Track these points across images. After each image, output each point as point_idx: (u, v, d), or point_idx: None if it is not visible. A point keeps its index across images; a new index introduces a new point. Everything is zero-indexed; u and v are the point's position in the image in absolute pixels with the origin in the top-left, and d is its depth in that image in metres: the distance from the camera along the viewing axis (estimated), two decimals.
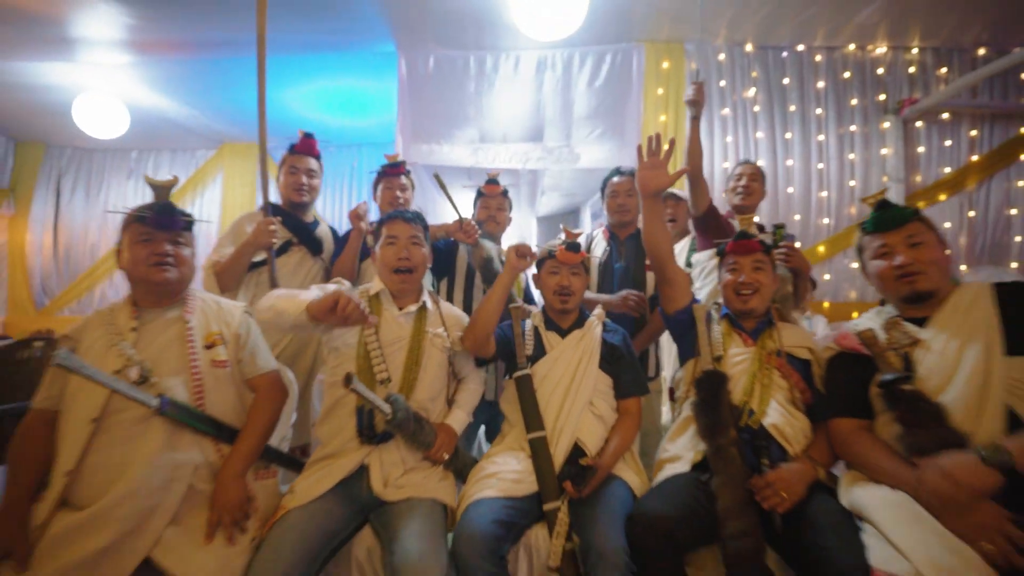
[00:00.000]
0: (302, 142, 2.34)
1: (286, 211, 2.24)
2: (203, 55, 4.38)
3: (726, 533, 1.27)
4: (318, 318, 1.31)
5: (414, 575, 1.17)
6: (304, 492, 1.38)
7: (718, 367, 1.54)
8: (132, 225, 1.44)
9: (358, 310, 1.27)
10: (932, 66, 4.32)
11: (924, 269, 1.30)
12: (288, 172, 2.31)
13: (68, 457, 1.21)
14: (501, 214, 2.25)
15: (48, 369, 1.33)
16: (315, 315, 1.31)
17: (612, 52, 4.18)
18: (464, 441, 1.83)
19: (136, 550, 1.15)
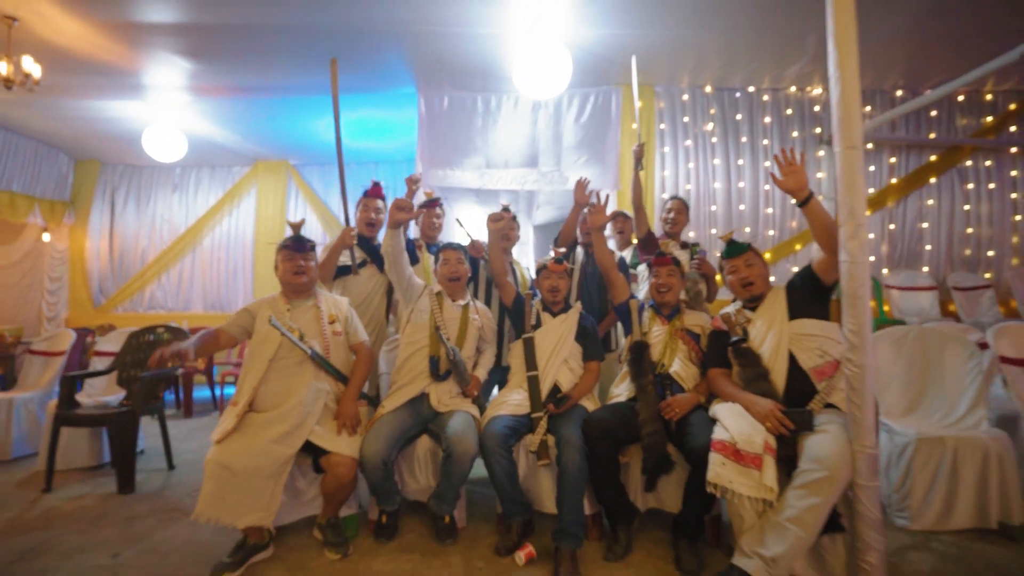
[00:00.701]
0: (372, 189, 3.08)
1: (363, 237, 3.02)
2: (246, 96, 5.25)
3: (643, 433, 2.14)
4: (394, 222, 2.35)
5: (460, 441, 2.08)
6: (390, 404, 2.28)
7: (645, 339, 2.43)
8: (282, 250, 2.29)
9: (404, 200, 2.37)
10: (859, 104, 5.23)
11: (755, 280, 2.18)
12: (363, 210, 3.04)
13: (255, 378, 2.09)
14: (512, 233, 3.08)
15: (238, 312, 2.27)
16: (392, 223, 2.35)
17: (595, 94, 5.07)
18: (482, 393, 2.70)
19: (301, 435, 2.02)
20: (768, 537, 1.69)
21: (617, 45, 4.28)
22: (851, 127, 1.85)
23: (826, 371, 1.98)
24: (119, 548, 2.21)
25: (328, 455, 2.05)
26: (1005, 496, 2.23)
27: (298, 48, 4.29)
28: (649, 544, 2.21)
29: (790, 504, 1.70)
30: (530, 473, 2.30)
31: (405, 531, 2.32)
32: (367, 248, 2.96)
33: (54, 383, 3.80)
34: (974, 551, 2.14)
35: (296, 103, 5.44)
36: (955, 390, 2.56)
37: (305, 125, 5.98)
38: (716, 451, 1.86)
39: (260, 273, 6.92)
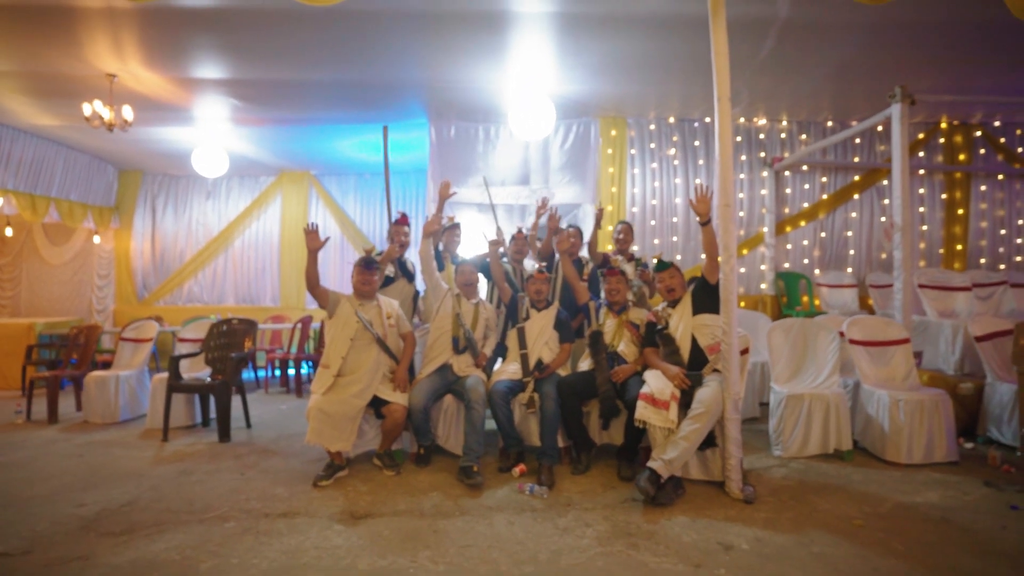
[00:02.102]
0: (401, 218, 4.06)
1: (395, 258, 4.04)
2: (280, 125, 6.22)
3: (600, 392, 3.19)
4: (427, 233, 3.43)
5: (475, 390, 3.13)
6: (425, 371, 3.34)
7: (600, 329, 3.48)
8: (357, 266, 3.29)
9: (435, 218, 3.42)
10: (796, 133, 6.30)
11: (675, 288, 3.23)
12: (395, 234, 3.98)
13: (340, 351, 3.08)
14: (525, 248, 4.12)
15: (336, 294, 3.25)
16: (426, 234, 3.42)
17: (576, 124, 6.08)
18: (489, 365, 3.72)
19: (371, 392, 3.05)
20: (668, 448, 2.75)
21: (592, 92, 5.29)
22: (726, 190, 2.89)
23: (715, 348, 3.03)
24: (242, 471, 3.24)
25: (389, 404, 3.09)
26: (839, 432, 3.32)
27: (331, 94, 5.27)
28: (602, 466, 3.28)
29: (683, 429, 2.76)
30: (522, 419, 3.35)
31: (435, 462, 3.37)
32: (399, 265, 3.95)
33: (145, 363, 4.81)
34: (814, 466, 3.22)
35: (317, 128, 6.39)
36: (821, 363, 3.63)
37: (326, 142, 6.91)
38: (641, 399, 2.91)
39: (285, 271, 7.89)
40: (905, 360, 3.61)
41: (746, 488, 2.76)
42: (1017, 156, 6.45)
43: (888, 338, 3.66)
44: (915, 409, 3.21)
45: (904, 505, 2.66)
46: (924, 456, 3.22)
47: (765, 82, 5.08)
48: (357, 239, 7.95)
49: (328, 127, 6.38)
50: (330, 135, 6.66)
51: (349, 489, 2.93)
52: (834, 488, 2.89)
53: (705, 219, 3.06)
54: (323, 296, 3.21)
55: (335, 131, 6.49)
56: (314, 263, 3.14)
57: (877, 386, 3.47)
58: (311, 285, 3.17)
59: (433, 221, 3.54)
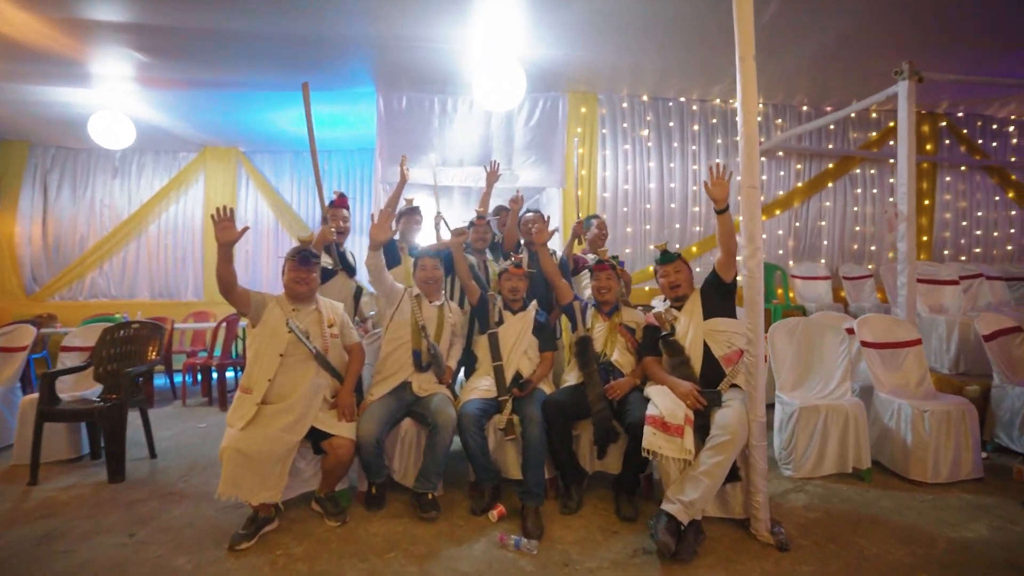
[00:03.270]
0: (338, 199, 3.36)
1: (331, 246, 3.30)
2: (198, 88, 5.24)
3: (593, 411, 2.63)
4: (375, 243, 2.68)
5: (443, 414, 2.51)
6: (378, 392, 2.65)
7: (588, 334, 2.92)
8: (289, 260, 2.55)
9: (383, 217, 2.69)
10: (772, 117, 5.96)
11: (681, 283, 2.72)
12: (331, 218, 3.28)
13: (268, 371, 2.37)
14: (486, 235, 3.46)
15: (261, 295, 2.51)
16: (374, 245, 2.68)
17: (543, 99, 5.47)
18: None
19: (307, 423, 2.35)
20: (687, 487, 2.23)
21: (564, 61, 4.68)
22: (751, 170, 2.37)
23: (732, 358, 2.54)
24: (132, 529, 2.46)
25: (331, 438, 2.40)
26: (858, 448, 2.93)
27: (256, 51, 4.39)
28: (595, 500, 2.73)
29: (703, 462, 2.25)
30: (498, 446, 2.75)
31: (391, 501, 2.72)
32: (336, 257, 3.23)
33: (16, 378, 3.84)
34: (835, 490, 2.81)
35: (246, 95, 5.46)
36: (830, 368, 3.24)
37: (256, 114, 5.98)
38: (648, 424, 2.37)
39: (210, 260, 6.87)
40: (918, 363, 3.27)
41: (776, 530, 2.29)
42: (978, 148, 6.41)
43: (898, 339, 3.32)
44: (941, 421, 2.86)
45: (957, 543, 2.27)
46: (950, 473, 2.88)
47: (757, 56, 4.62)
48: (296, 226, 7.04)
49: (259, 95, 5.45)
50: (261, 105, 5.72)
51: (279, 553, 2.24)
52: (869, 522, 2.47)
53: (723, 206, 2.54)
54: (242, 299, 2.47)
55: (267, 100, 5.56)
56: (227, 260, 2.37)
57: (893, 394, 3.10)
58: (226, 287, 2.40)
59: (382, 225, 2.71)
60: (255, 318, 2.48)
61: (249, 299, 2.46)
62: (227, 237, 2.34)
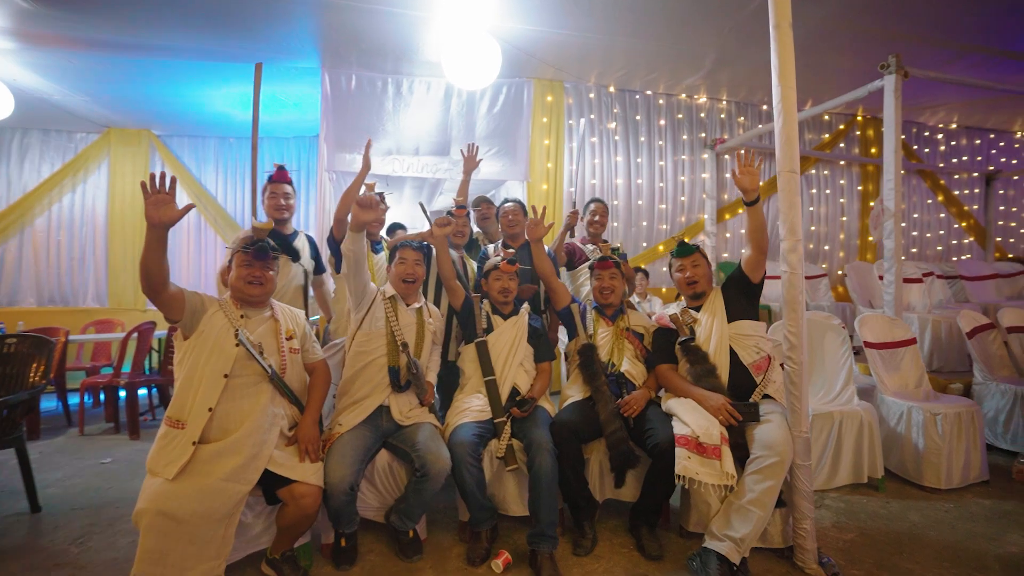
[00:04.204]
0: (277, 173, 2.81)
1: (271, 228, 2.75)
2: (96, 51, 4.36)
3: (606, 432, 2.26)
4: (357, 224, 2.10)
5: (436, 459, 2.00)
6: (348, 422, 2.11)
7: (591, 341, 2.54)
8: (240, 253, 1.97)
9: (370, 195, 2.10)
10: (735, 114, 5.90)
11: (699, 279, 2.41)
12: (269, 197, 2.79)
13: (209, 398, 1.79)
14: (465, 229, 2.99)
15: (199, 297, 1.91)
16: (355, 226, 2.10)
17: (507, 85, 5.06)
18: None
19: (259, 467, 1.79)
20: (734, 520, 1.91)
21: (534, 38, 4.29)
22: (791, 153, 2.09)
23: (761, 366, 2.25)
24: None
25: (290, 485, 1.85)
26: (872, 456, 2.75)
27: (174, 7, 3.67)
28: (608, 533, 2.35)
29: (750, 488, 1.93)
30: (495, 478, 2.30)
31: (365, 552, 2.20)
32: (277, 239, 2.68)
33: None
34: (857, 504, 2.61)
35: (161, 64, 4.64)
36: (832, 371, 3.06)
37: (176, 88, 5.12)
38: (681, 446, 2.03)
39: (115, 260, 5.89)
40: (915, 364, 3.17)
41: (826, 561, 2.01)
42: (914, 153, 6.72)
43: (896, 339, 3.20)
44: (953, 424, 2.74)
45: (1006, 561, 2.10)
46: (961, 478, 2.77)
47: (735, 48, 4.47)
48: (221, 222, 6.19)
49: (177, 66, 4.63)
50: (181, 78, 4.90)
51: None
52: (909, 541, 2.26)
53: (753, 196, 2.25)
54: (175, 302, 1.82)
55: (188, 72, 4.76)
56: (159, 248, 1.70)
57: (899, 396, 2.97)
58: (154, 285, 1.73)
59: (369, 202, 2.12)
60: (189, 327, 1.88)
61: (183, 302, 1.85)
62: (164, 216, 1.66)
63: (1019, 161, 7.24)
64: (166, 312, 1.82)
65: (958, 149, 6.98)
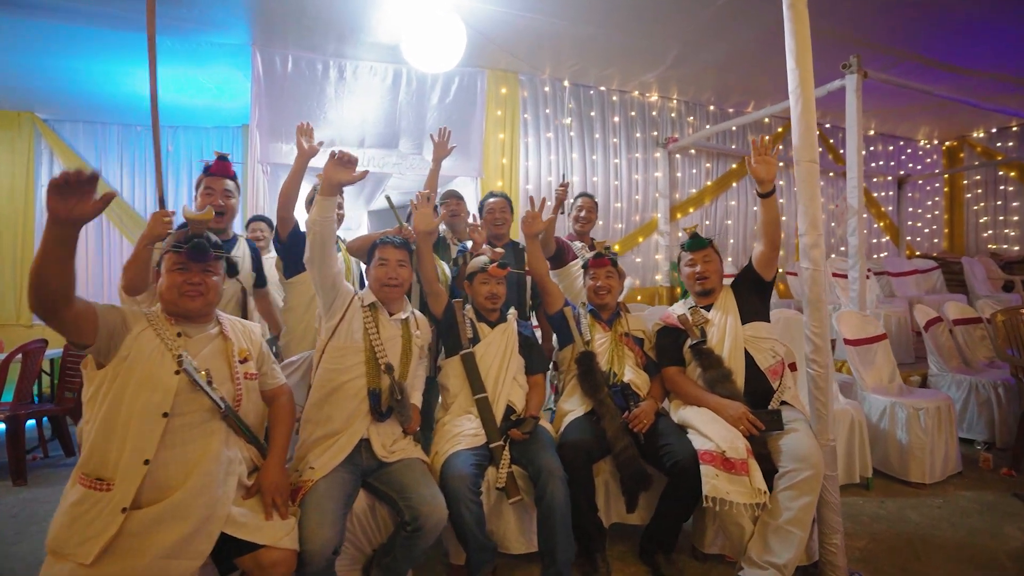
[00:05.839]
0: (217, 164, 2.28)
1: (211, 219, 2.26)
2: None
3: (616, 450, 2.02)
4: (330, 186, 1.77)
5: (432, 510, 1.65)
6: (324, 465, 1.69)
7: (588, 349, 2.31)
8: (172, 253, 1.51)
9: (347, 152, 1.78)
10: (685, 113, 5.92)
11: (709, 276, 2.25)
12: (204, 194, 2.24)
13: (144, 446, 1.34)
14: None
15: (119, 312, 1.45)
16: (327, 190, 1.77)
17: (460, 74, 4.74)
18: None
19: (212, 533, 1.36)
20: (774, 544, 1.73)
21: (494, 21, 3.99)
22: (809, 141, 1.96)
23: (777, 370, 2.10)
24: None
25: (256, 552, 1.43)
26: (863, 455, 2.72)
27: None
28: (618, 563, 2.12)
29: (785, 506, 1.76)
30: (492, 511, 2.00)
31: None
32: None
33: None
34: (856, 506, 2.56)
35: (50, 31, 3.86)
36: None
37: (60, 63, 4.31)
38: (707, 463, 1.83)
39: None
40: (888, 359, 3.22)
41: (855, 575, 1.89)
42: (840, 156, 7.12)
43: (869, 335, 3.23)
44: (934, 418, 2.77)
45: (1015, 556, 2.09)
46: (942, 471, 2.80)
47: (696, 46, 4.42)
48: (128, 221, 5.36)
49: (68, 32, 3.86)
50: (70, 49, 4.11)
51: None
52: (918, 542, 2.21)
53: (769, 187, 2.09)
54: (83, 321, 1.34)
55: (80, 42, 3.99)
56: (63, 251, 1.20)
57: (878, 392, 2.98)
58: (52, 300, 1.24)
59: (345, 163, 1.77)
60: (106, 351, 1.41)
61: (96, 320, 1.36)
62: (75, 210, 1.16)
63: (923, 167, 7.91)
64: (72, 335, 1.35)
65: (875, 154, 7.49)
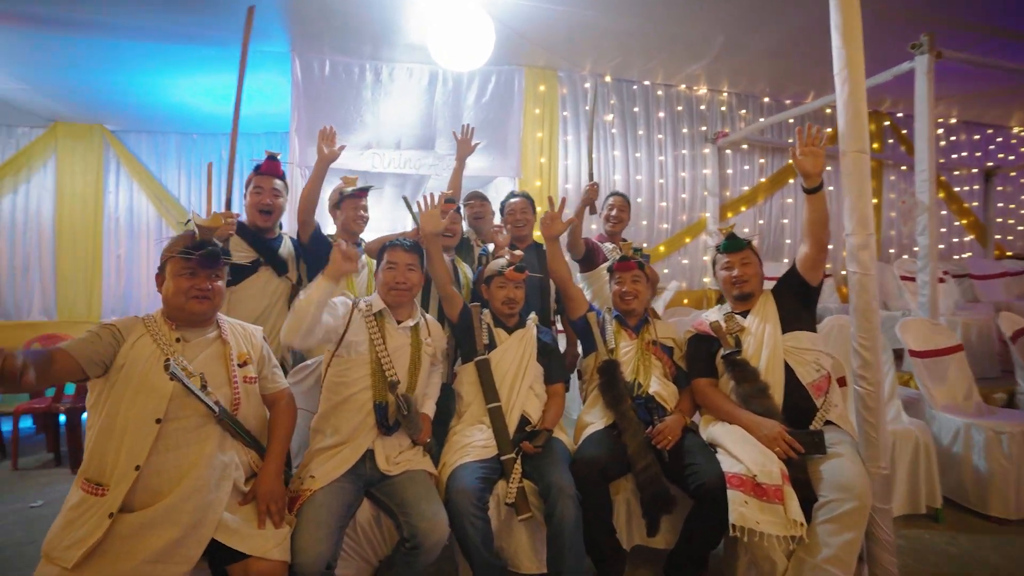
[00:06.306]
0: (267, 163, 2.34)
1: (251, 231, 2.30)
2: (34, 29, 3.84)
3: (637, 469, 1.87)
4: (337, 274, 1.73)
5: (431, 527, 1.58)
6: (324, 476, 1.66)
7: (612, 357, 2.16)
8: (178, 259, 1.52)
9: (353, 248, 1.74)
10: (736, 107, 5.59)
11: (749, 279, 2.05)
12: (253, 193, 2.30)
13: (136, 451, 1.36)
14: (456, 227, 2.55)
15: (108, 329, 1.45)
16: (333, 274, 1.72)
17: (497, 73, 4.67)
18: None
19: (203, 538, 1.36)
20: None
21: (527, 17, 3.88)
22: (859, 129, 1.73)
23: (822, 386, 1.89)
24: None
25: (246, 560, 1.41)
26: (931, 482, 2.41)
27: None
28: None
29: (824, 542, 1.56)
30: (502, 527, 1.89)
31: None
32: (259, 245, 2.25)
33: None
34: (918, 540, 2.27)
35: (115, 49, 4.12)
36: None
37: (125, 78, 4.59)
38: (735, 488, 1.65)
39: (64, 268, 5.32)
40: (963, 373, 2.86)
41: None
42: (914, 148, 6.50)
43: (940, 346, 2.88)
44: (1020, 444, 2.41)
45: None
46: None
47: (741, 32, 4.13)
48: (184, 227, 5.65)
49: (128, 49, 4.10)
50: (134, 65, 4.37)
51: None
52: None
53: (816, 182, 1.88)
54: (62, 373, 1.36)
55: (142, 57, 4.23)
56: None
57: (950, 411, 2.64)
58: None
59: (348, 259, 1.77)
60: (103, 370, 1.43)
61: (72, 362, 1.37)
62: None
63: (1017, 157, 7.09)
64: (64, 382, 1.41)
65: (957, 145, 6.79)
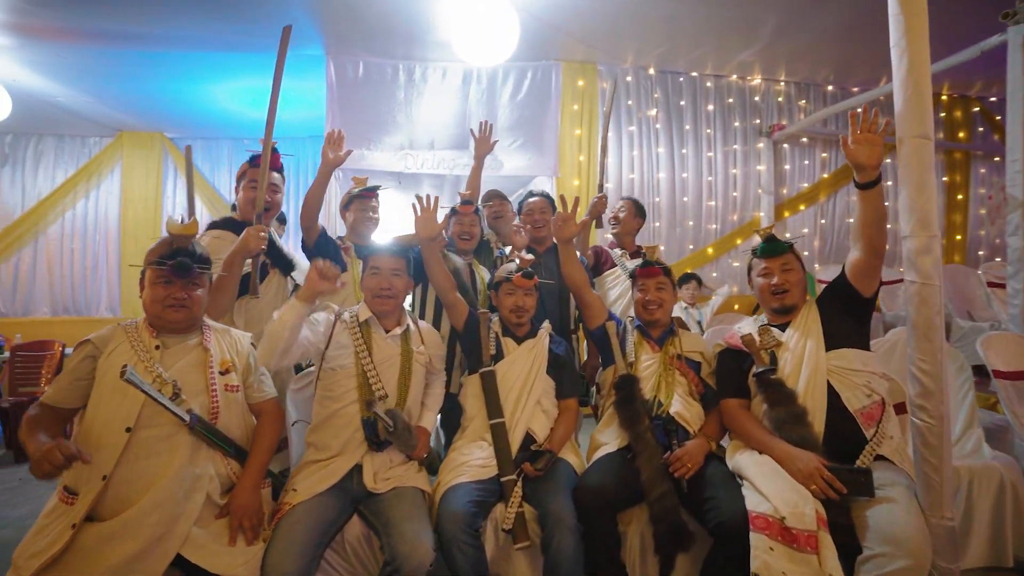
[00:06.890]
0: (272, 157, 2.29)
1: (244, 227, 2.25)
2: (100, 45, 4.08)
3: (651, 498, 1.67)
4: (311, 294, 1.65)
5: (412, 550, 1.45)
6: (307, 490, 1.58)
7: (631, 371, 1.96)
8: (152, 268, 1.49)
9: (332, 266, 1.66)
10: (795, 97, 5.15)
11: (790, 289, 1.80)
12: (248, 187, 2.15)
13: (105, 462, 1.33)
14: (474, 229, 2.44)
15: (73, 362, 1.45)
16: (307, 296, 1.64)
17: (532, 69, 4.52)
18: None
19: (167, 552, 1.31)
20: None
21: (561, 8, 3.71)
22: (920, 111, 1.45)
23: (874, 414, 1.60)
24: None
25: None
26: (1019, 528, 2.03)
27: None
28: None
29: None
30: (500, 554, 1.74)
31: None
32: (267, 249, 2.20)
33: None
34: None
35: (171, 60, 4.34)
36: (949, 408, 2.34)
37: (179, 86, 4.82)
38: (759, 531, 1.42)
39: (128, 268, 5.66)
40: None
41: None
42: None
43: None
44: None
45: None
46: None
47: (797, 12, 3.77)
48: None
49: (180, 59, 4.32)
50: (185, 73, 4.60)
51: None
52: None
53: (873, 175, 1.61)
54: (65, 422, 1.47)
55: (192, 66, 4.45)
56: None
57: None
58: None
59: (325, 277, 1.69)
60: (86, 394, 1.44)
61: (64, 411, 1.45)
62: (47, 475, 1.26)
63: None
64: None
65: None
